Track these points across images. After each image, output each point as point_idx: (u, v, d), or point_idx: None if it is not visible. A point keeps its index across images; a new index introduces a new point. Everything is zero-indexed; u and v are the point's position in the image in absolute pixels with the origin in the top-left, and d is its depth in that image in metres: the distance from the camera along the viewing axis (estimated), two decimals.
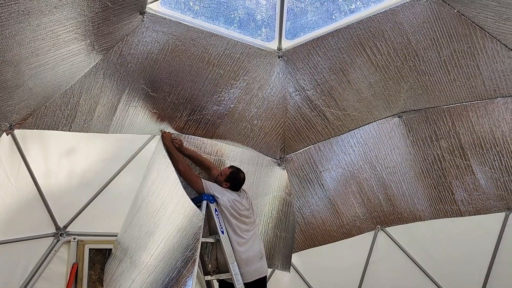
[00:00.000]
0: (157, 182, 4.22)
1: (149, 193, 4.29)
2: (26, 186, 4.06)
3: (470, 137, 4.55)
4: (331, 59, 4.33)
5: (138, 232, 4.21)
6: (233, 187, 4.37)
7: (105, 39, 3.54)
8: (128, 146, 4.69)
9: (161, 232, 3.89)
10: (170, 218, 3.88)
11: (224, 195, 4.18)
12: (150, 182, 4.33)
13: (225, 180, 4.34)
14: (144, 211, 4.25)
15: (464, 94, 4.29)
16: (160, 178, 4.18)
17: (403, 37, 4.04)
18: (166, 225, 3.87)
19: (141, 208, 4.32)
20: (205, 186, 4.15)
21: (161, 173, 4.18)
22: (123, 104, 4.11)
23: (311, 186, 5.32)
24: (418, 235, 5.38)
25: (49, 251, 4.36)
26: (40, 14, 2.86)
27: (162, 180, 4.12)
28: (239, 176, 4.41)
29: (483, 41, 3.80)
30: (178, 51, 3.99)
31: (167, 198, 3.97)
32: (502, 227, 4.98)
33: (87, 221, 4.56)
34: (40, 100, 3.59)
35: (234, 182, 4.37)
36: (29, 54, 3.09)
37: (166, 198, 3.99)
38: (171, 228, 3.79)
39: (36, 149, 4.05)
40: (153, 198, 4.19)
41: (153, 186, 4.26)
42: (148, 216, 4.16)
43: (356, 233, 5.52)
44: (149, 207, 4.20)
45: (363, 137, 5.00)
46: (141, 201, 4.37)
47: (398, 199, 5.23)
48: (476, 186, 4.76)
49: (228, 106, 4.59)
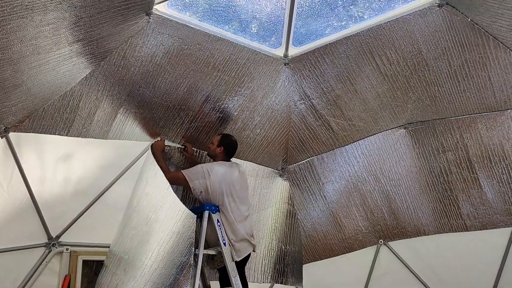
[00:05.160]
0: (146, 190, 4.10)
1: (140, 202, 4.16)
2: (18, 192, 3.90)
3: (478, 150, 4.47)
4: (339, 67, 4.23)
5: (130, 242, 4.07)
6: (227, 151, 4.22)
7: (109, 40, 3.40)
8: (126, 154, 4.54)
9: (154, 240, 3.78)
10: (162, 224, 3.77)
11: (212, 170, 3.98)
12: (140, 191, 4.20)
13: (218, 145, 4.20)
14: (136, 221, 4.12)
15: (473, 106, 4.22)
16: (150, 185, 4.06)
17: (413, 46, 3.96)
18: (159, 232, 3.76)
19: (132, 218, 4.17)
20: (186, 176, 3.94)
21: (150, 180, 4.06)
22: (124, 109, 3.97)
23: (313, 198, 5.18)
24: (422, 250, 5.25)
25: (40, 262, 4.20)
26: (44, 9, 2.71)
27: (152, 188, 4.01)
28: (231, 138, 4.30)
29: (496, 51, 3.74)
30: (183, 55, 3.86)
31: (159, 204, 3.86)
32: (508, 242, 4.88)
33: (81, 231, 4.41)
34: (38, 102, 3.42)
35: (227, 144, 4.22)
36: (30, 52, 2.94)
37: (157, 205, 3.87)
38: (164, 234, 3.68)
39: (31, 154, 3.88)
40: (144, 207, 4.06)
41: (143, 194, 4.14)
42: (140, 225, 4.03)
43: (358, 247, 5.37)
44: (140, 216, 4.07)
45: (367, 148, 4.89)
46: (131, 211, 4.22)
47: (402, 213, 5.11)
48: (483, 200, 4.67)
49: (231, 114, 4.46)
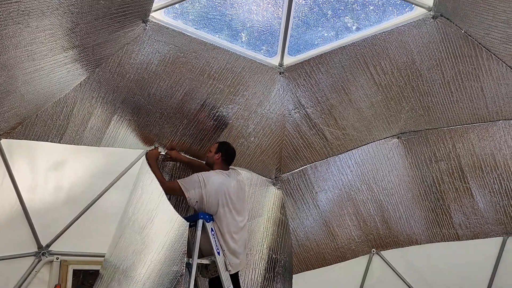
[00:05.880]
0: (142, 199, 4.06)
1: (135, 211, 4.12)
2: (9, 200, 3.83)
3: (470, 160, 4.52)
4: (334, 77, 4.25)
5: (125, 252, 4.01)
6: (225, 158, 4.19)
7: (104, 47, 3.37)
8: (118, 162, 4.48)
9: (148, 249, 3.74)
10: (156, 233, 3.74)
11: (209, 179, 3.94)
12: (136, 200, 4.16)
13: (215, 152, 4.17)
14: (130, 230, 4.07)
15: (466, 116, 4.27)
16: (145, 194, 4.02)
17: (407, 56, 4.00)
18: (153, 241, 3.73)
19: (128, 227, 4.12)
20: (182, 186, 3.91)
21: (145, 189, 4.03)
22: (117, 116, 3.93)
23: (306, 207, 5.17)
24: (414, 260, 5.28)
25: (29, 272, 4.12)
26: (40, 15, 2.69)
27: (147, 196, 3.97)
28: (229, 145, 4.28)
29: (488, 62, 3.79)
30: (179, 63, 3.84)
31: (153, 213, 3.83)
32: (500, 252, 4.93)
33: (71, 240, 4.34)
34: (31, 108, 3.37)
35: (225, 150, 4.20)
36: (25, 58, 2.90)
37: (152, 214, 3.84)
38: (158, 243, 3.65)
39: (23, 161, 3.82)
40: (139, 216, 4.03)
41: (138, 203, 4.11)
42: (135, 234, 3.98)
43: (350, 257, 5.37)
44: (135, 225, 4.04)
45: (361, 157, 4.91)
46: (127, 220, 4.17)
47: (395, 222, 5.13)
48: (474, 209, 4.72)
49: (226, 122, 4.44)
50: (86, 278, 4.59)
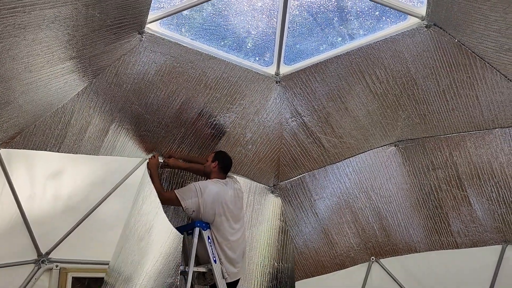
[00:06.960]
0: (142, 210, 4.09)
1: (136, 221, 4.15)
2: (8, 209, 3.87)
3: (468, 168, 4.51)
4: (330, 85, 4.28)
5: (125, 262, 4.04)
6: (222, 166, 4.22)
7: (101, 58, 3.43)
8: (117, 170, 4.52)
9: (145, 260, 3.75)
10: (153, 244, 3.75)
11: (206, 189, 3.97)
12: (137, 210, 4.19)
13: (212, 160, 4.21)
14: (131, 240, 4.10)
15: (462, 124, 4.27)
16: (146, 205, 4.04)
17: (402, 65, 4.02)
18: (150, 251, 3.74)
19: (129, 237, 4.15)
20: (179, 196, 3.95)
21: (146, 200, 4.05)
22: (115, 125, 3.98)
23: (305, 215, 5.19)
24: (413, 267, 5.25)
25: (29, 279, 4.14)
26: (37, 28, 2.74)
27: (147, 207, 3.99)
28: (225, 154, 4.32)
29: (482, 71, 3.80)
30: (175, 72, 3.90)
31: (151, 224, 3.85)
32: (499, 260, 4.90)
33: (71, 248, 4.37)
34: (29, 119, 3.43)
35: (221, 158, 4.24)
36: (22, 69, 2.96)
37: (149, 224, 3.86)
38: (154, 254, 3.66)
39: (22, 170, 3.87)
40: (139, 226, 4.05)
41: (139, 214, 4.13)
42: (135, 244, 4.01)
43: (349, 265, 5.37)
44: (135, 235, 4.06)
45: (358, 165, 4.92)
46: (129, 231, 4.21)
47: (393, 230, 5.13)
48: (473, 217, 4.70)
49: (223, 130, 4.49)
50: (91, 285, 4.64)
